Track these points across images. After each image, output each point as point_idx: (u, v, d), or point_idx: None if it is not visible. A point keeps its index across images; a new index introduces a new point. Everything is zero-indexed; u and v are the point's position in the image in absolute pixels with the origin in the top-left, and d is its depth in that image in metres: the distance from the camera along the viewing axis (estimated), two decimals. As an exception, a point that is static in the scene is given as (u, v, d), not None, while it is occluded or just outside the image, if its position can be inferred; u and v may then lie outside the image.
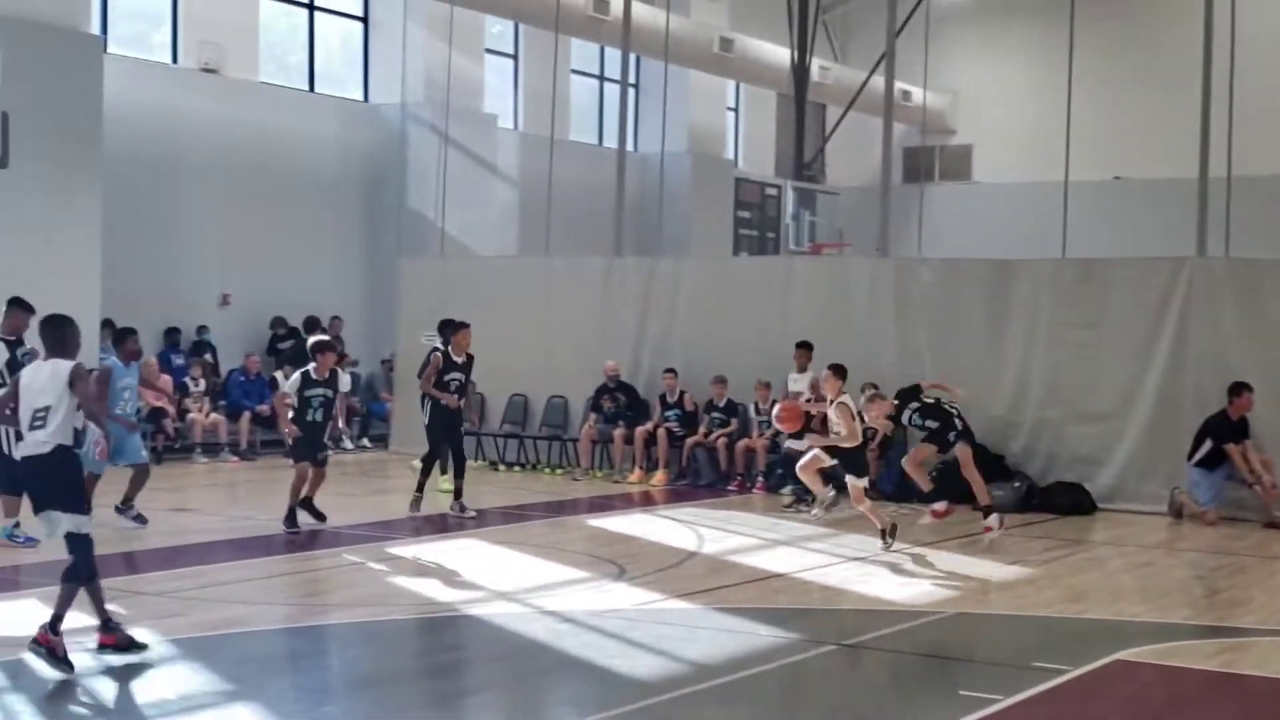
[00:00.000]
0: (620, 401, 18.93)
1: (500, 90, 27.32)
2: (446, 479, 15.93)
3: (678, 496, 17.28)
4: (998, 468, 16.71)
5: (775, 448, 17.65)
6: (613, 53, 27.31)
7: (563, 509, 16.05)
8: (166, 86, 21.42)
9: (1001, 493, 16.31)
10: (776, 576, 11.89)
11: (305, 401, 13.60)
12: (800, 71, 29.17)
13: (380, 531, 13.68)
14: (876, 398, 14.03)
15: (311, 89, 24.13)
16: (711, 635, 9.63)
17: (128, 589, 10.54)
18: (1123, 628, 10.17)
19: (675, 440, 18.47)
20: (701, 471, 18.36)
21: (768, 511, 16.07)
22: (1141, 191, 30.68)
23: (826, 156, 32.45)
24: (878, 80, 26.68)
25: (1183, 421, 16.06)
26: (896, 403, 14.04)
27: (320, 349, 13.91)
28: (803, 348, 17.56)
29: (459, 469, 15.21)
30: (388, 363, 22.67)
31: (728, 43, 28.77)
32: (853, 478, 13.32)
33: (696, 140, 30.33)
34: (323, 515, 13.88)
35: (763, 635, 9.65)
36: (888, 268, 18.53)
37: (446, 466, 16.09)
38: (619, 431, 18.69)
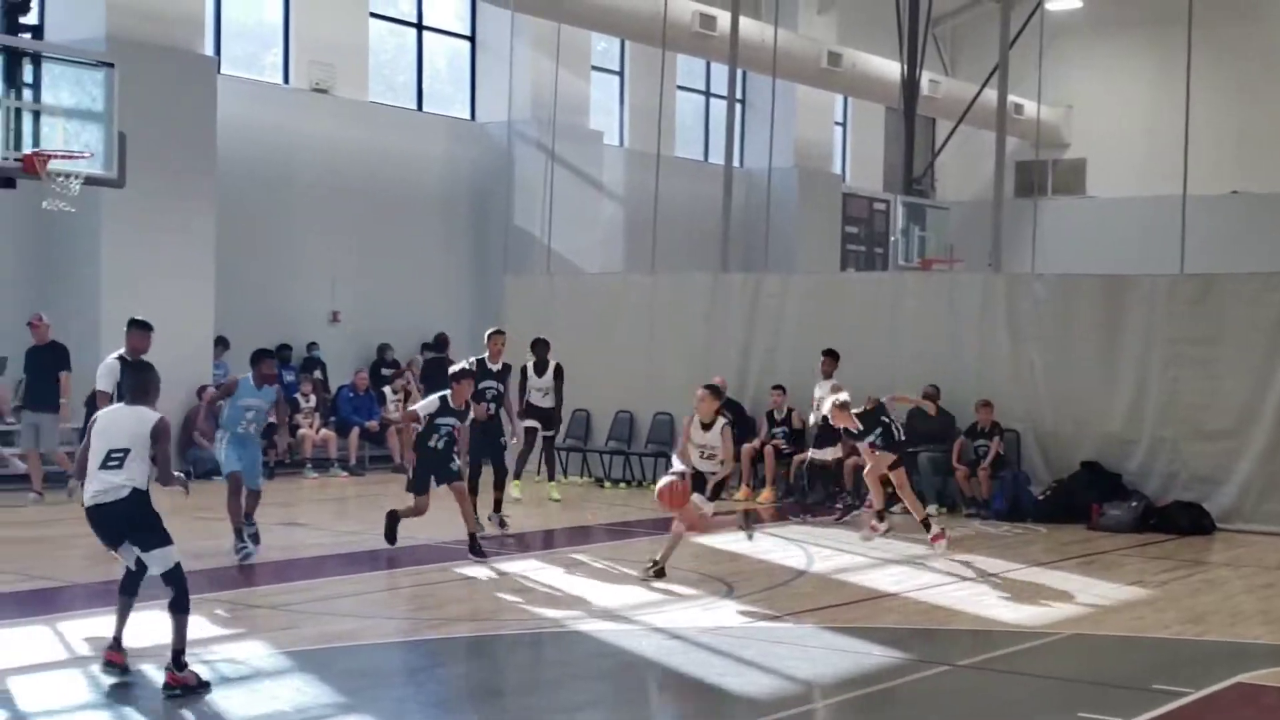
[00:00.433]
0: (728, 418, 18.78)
1: (606, 107, 27.39)
2: (517, 485, 16.13)
3: (785, 514, 17.11)
4: (1114, 486, 16.39)
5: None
6: (719, 68, 27.28)
7: (668, 526, 15.93)
8: (278, 107, 21.75)
9: (1118, 512, 16.00)
10: (888, 595, 11.72)
11: (433, 427, 12.95)
12: (910, 85, 28.88)
13: (488, 547, 13.67)
14: (844, 407, 13.98)
15: (420, 108, 24.37)
16: (823, 654, 9.50)
17: (240, 602, 10.65)
18: (1244, 650, 9.91)
19: (783, 457, 18.33)
20: (809, 489, 18.18)
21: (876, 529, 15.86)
22: (1260, 205, 30.00)
23: (936, 170, 32.12)
24: (989, 93, 26.40)
25: (1305, 439, 15.65)
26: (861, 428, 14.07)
27: (459, 378, 13.20)
28: (829, 355, 17.58)
29: (498, 480, 14.89)
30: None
31: (836, 57, 28.59)
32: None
33: (803, 155, 30.18)
34: (484, 553, 12.86)
35: (875, 655, 9.49)
36: (1000, 283, 18.26)
37: (520, 472, 16.30)
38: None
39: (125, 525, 8.09)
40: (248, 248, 20.75)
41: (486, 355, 15.01)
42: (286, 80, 22.29)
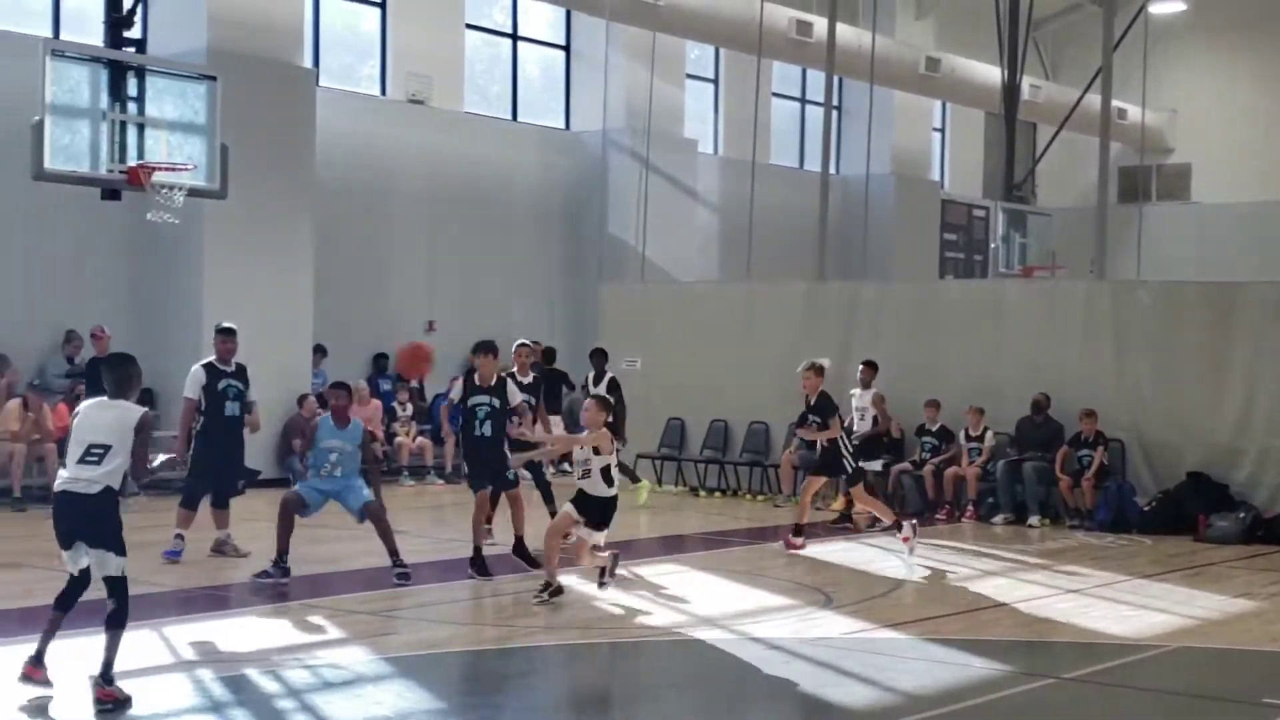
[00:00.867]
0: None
1: (700, 115, 27.34)
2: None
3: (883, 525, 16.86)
4: (1221, 497, 16.03)
5: (987, 475, 17.26)
6: (814, 74, 27.14)
7: (765, 535, 15.87)
8: (375, 118, 21.95)
9: (1225, 523, 15.64)
10: (990, 607, 11.52)
11: (471, 412, 11.87)
12: (1010, 90, 28.50)
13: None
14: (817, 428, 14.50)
15: (514, 118, 24.47)
16: (925, 666, 9.35)
17: (338, 608, 10.71)
18: (1358, 664, 9.63)
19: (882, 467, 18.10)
20: (908, 499, 17.95)
21: (978, 541, 15.66)
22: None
23: (1037, 176, 31.68)
24: (1091, 98, 25.98)
25: None
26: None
27: (479, 350, 12.00)
28: (868, 366, 17.47)
29: (544, 496, 14.19)
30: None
31: (934, 62, 28.31)
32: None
33: (900, 162, 29.93)
34: (535, 561, 11.92)
35: (977, 667, 9.34)
36: (1104, 291, 17.95)
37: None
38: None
39: (86, 521, 7.89)
40: (345, 257, 20.95)
41: (515, 368, 13.83)
42: (384, 92, 22.49)
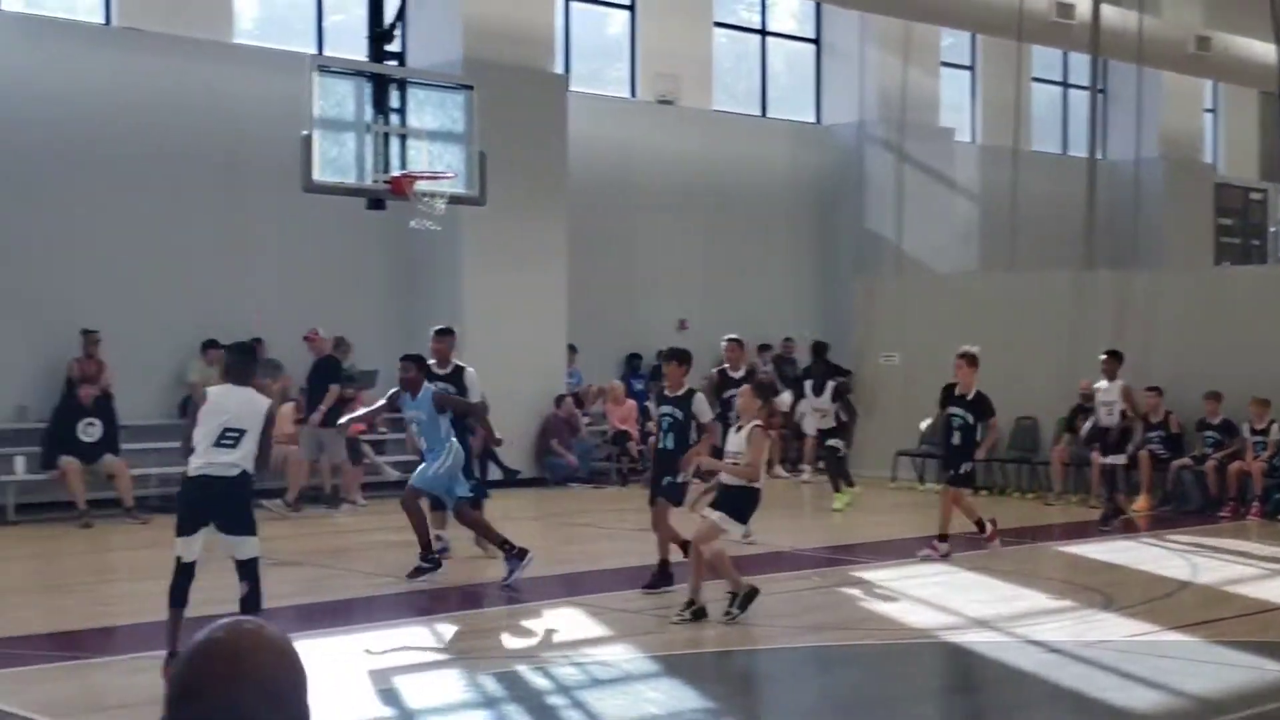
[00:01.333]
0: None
1: (956, 103, 26.64)
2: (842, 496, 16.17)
3: (1163, 523, 16.10)
4: None
5: (1273, 470, 16.27)
6: (1076, 58, 26.17)
7: (1036, 535, 15.29)
8: (625, 120, 22.02)
9: None
10: (1282, 608, 10.82)
11: (657, 422, 11.32)
12: (1286, 67, 26.97)
13: (841, 555, 13.35)
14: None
15: (764, 114, 24.26)
16: (1214, 669, 8.85)
17: (602, 606, 10.65)
18: None
19: (1160, 463, 17.26)
20: (1189, 496, 17.07)
21: (1265, 539, 14.78)
22: None
23: (1319, 155, 29.96)
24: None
25: None
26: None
27: (668, 357, 11.35)
28: (1112, 356, 16.09)
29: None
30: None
31: (1204, 41, 26.98)
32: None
33: (1170, 145, 28.62)
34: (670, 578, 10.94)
35: (1271, 670, 8.81)
36: (1400, 271, 16.76)
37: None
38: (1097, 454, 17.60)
39: (223, 504, 7.90)
40: (597, 258, 21.05)
41: (725, 364, 13.89)
42: (633, 94, 22.55)
